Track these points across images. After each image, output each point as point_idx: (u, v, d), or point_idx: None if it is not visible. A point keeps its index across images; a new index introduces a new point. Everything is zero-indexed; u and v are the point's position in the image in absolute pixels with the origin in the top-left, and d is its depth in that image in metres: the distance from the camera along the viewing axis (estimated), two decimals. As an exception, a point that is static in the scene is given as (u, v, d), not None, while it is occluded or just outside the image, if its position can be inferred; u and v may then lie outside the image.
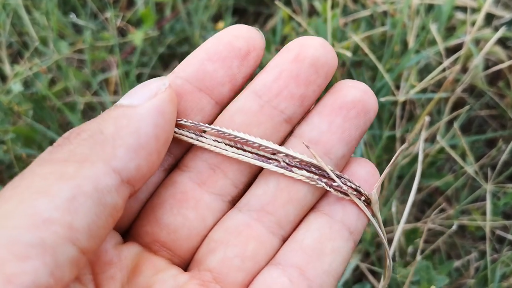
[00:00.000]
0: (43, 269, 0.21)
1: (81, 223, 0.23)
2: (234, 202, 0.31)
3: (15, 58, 0.85)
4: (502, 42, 0.79)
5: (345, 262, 0.30)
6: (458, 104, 0.76)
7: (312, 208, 0.31)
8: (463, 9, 0.77)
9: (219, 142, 0.30)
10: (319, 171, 0.30)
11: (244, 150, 0.30)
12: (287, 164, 0.30)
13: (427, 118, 0.60)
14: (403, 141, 0.66)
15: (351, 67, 0.71)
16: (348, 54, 0.61)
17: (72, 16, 0.80)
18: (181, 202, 0.30)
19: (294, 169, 0.30)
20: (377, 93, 0.65)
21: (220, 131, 0.30)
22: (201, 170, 0.30)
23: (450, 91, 0.64)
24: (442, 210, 0.71)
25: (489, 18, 0.80)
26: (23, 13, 0.79)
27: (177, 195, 0.30)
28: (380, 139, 0.65)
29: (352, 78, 0.76)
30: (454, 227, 0.56)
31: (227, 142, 0.30)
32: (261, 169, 0.31)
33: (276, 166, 0.30)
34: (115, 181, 0.24)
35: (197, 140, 0.30)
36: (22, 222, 0.21)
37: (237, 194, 0.31)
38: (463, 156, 0.67)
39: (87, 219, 0.23)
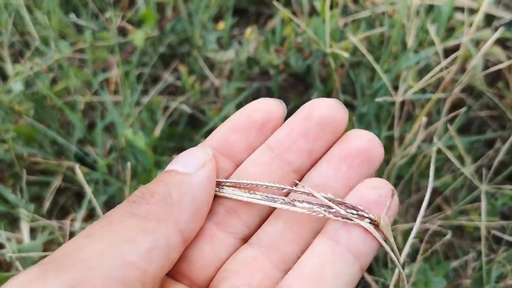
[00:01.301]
0: None
1: (153, 271, 0.28)
2: (246, 240, 0.35)
3: (17, 57, 0.86)
4: (502, 43, 0.79)
5: (349, 286, 0.31)
6: (458, 105, 0.76)
7: (320, 233, 0.33)
8: (464, 10, 0.77)
9: (235, 190, 0.34)
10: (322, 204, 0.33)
11: (255, 194, 0.34)
12: (290, 201, 0.33)
13: (424, 119, 0.60)
14: (401, 140, 0.66)
15: (350, 68, 0.71)
16: (346, 55, 0.61)
17: (72, 16, 0.81)
18: (199, 238, 0.34)
19: (296, 203, 0.33)
20: (375, 93, 0.65)
21: (234, 182, 0.34)
22: (218, 212, 0.34)
23: (449, 91, 0.64)
24: (440, 210, 0.71)
25: (490, 19, 0.80)
26: (25, 12, 0.79)
27: (199, 235, 0.34)
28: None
29: (350, 79, 0.76)
30: (448, 236, 0.56)
31: (242, 190, 0.34)
32: (272, 211, 0.35)
33: (281, 203, 0.33)
34: (180, 240, 0.30)
35: (217, 191, 0.34)
36: (114, 262, 0.27)
37: (248, 233, 0.35)
38: (461, 156, 0.67)
39: (157, 268, 0.28)
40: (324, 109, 0.33)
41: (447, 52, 0.70)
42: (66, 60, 0.85)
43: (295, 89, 0.89)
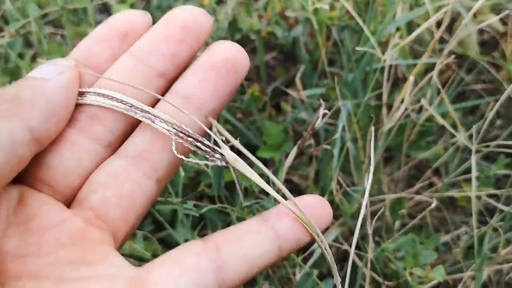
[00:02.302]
0: None
1: None
2: (111, 147, 0.35)
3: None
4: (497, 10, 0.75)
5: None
6: (452, 80, 0.73)
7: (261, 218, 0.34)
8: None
9: (97, 97, 0.34)
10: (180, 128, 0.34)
11: (118, 101, 0.34)
12: (154, 116, 0.33)
13: (411, 79, 0.56)
14: (389, 107, 0.62)
15: (336, 32, 0.68)
16: (326, 6, 0.58)
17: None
18: (59, 144, 0.33)
19: (156, 120, 0.33)
20: (362, 57, 0.62)
21: (99, 93, 0.34)
22: (80, 119, 0.34)
23: (438, 57, 0.61)
24: (431, 185, 0.68)
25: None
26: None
27: (59, 142, 0.33)
28: (365, 107, 0.62)
29: (338, 50, 0.73)
30: (433, 204, 0.52)
31: (105, 98, 0.34)
32: (139, 120, 0.35)
33: (142, 117, 0.33)
34: (28, 137, 0.30)
35: (79, 99, 0.34)
36: None
37: (113, 139, 0.35)
38: (455, 124, 0.63)
39: (2, 162, 0.28)
40: (186, 14, 0.34)
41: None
42: (47, 37, 0.82)
43: (282, 66, 0.86)
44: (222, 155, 0.34)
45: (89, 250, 0.31)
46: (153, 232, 0.60)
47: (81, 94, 0.34)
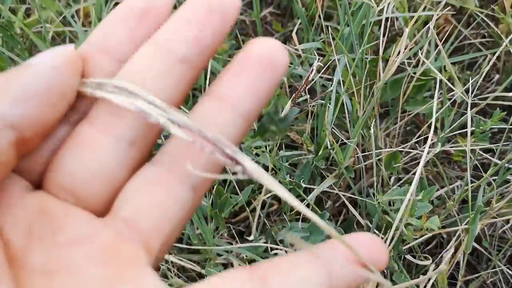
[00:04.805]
0: None
1: None
2: (137, 145, 0.32)
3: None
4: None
5: None
6: (450, 34, 0.72)
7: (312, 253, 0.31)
8: None
9: (115, 92, 0.31)
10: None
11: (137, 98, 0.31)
12: (169, 119, 0.30)
13: (406, 30, 0.55)
14: (386, 62, 0.62)
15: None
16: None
17: None
18: (77, 144, 0.31)
19: (173, 126, 0.30)
20: (358, 9, 0.61)
21: (118, 86, 0.31)
22: (101, 117, 0.31)
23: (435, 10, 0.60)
24: (427, 140, 0.68)
25: None
26: None
27: (76, 141, 0.31)
28: (361, 61, 0.61)
29: (335, 4, 0.71)
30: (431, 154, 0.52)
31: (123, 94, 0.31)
32: None
33: (156, 119, 0.30)
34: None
35: (93, 91, 0.31)
36: None
37: (138, 137, 0.32)
38: (451, 78, 0.63)
39: None
40: None
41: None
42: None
43: (279, 21, 0.84)
44: (243, 167, 0.30)
45: (122, 267, 0.29)
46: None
47: (98, 86, 0.31)
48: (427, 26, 0.57)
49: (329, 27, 0.67)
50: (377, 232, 0.56)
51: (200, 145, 0.30)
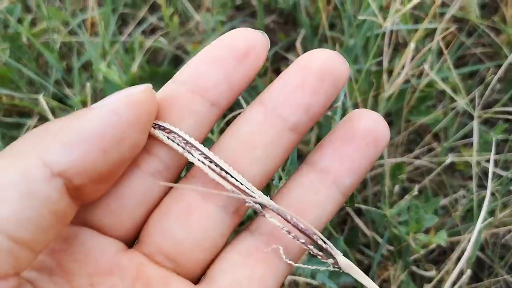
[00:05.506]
0: None
1: (7, 211, 0.23)
2: (238, 212, 0.31)
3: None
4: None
5: None
6: (451, 42, 0.73)
7: None
8: None
9: (205, 160, 0.30)
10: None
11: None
12: (261, 204, 0.30)
13: (412, 45, 0.57)
14: (390, 73, 0.63)
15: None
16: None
17: None
18: (185, 213, 0.30)
19: (266, 214, 0.30)
20: (363, 23, 0.62)
21: (203, 154, 0.30)
22: (205, 181, 0.30)
23: (439, 22, 0.61)
24: (431, 150, 0.69)
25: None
26: None
27: (181, 206, 0.30)
28: (366, 73, 0.62)
29: (339, 14, 0.72)
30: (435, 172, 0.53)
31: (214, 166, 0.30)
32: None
33: (249, 204, 0.30)
34: (44, 173, 0.25)
35: (186, 152, 0.29)
36: None
37: (240, 205, 0.31)
38: (454, 88, 0.64)
39: (13, 207, 0.23)
40: (323, 59, 0.30)
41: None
42: (45, 1, 0.82)
43: (283, 30, 0.85)
44: (334, 259, 0.30)
45: None
46: None
47: (168, 131, 0.29)
48: (434, 40, 0.58)
49: (334, 39, 0.68)
50: (388, 245, 0.57)
51: (294, 236, 0.30)
